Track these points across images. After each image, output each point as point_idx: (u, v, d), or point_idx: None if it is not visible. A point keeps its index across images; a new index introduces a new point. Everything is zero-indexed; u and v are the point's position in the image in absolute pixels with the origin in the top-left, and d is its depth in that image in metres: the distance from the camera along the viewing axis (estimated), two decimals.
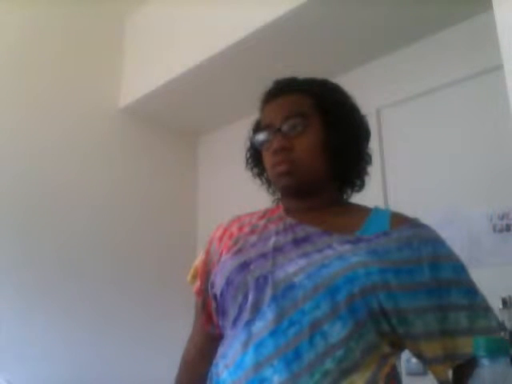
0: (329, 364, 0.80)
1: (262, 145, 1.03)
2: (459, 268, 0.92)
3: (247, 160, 1.12)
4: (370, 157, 1.07)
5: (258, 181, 1.13)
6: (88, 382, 2.30)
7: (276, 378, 0.80)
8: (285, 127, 0.99)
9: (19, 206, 2.35)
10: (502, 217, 1.89)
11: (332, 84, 1.09)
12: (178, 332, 1.46)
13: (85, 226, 2.54)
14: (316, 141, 0.98)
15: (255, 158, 1.10)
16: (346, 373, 0.80)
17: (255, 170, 1.11)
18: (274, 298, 0.86)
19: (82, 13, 2.69)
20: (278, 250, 0.94)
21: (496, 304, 1.65)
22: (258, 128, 1.07)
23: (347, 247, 0.90)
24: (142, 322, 2.58)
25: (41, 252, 2.37)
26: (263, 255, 0.93)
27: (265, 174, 1.09)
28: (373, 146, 1.10)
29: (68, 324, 2.35)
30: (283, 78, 1.08)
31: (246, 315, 0.88)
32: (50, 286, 2.34)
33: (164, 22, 2.70)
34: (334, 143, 0.99)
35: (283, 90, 1.04)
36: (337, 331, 0.82)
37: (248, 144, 1.11)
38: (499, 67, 1.44)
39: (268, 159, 1.01)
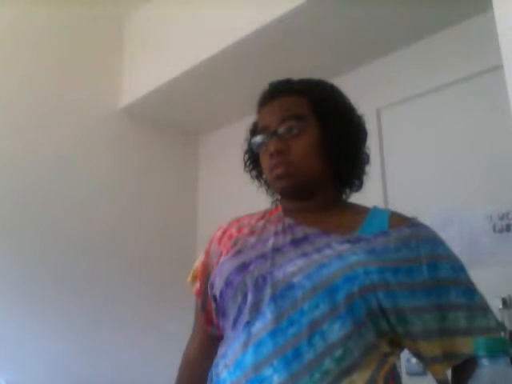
0: (328, 363, 0.80)
1: (259, 147, 1.04)
2: (458, 268, 0.93)
3: (245, 162, 1.12)
4: (367, 156, 1.07)
5: (257, 182, 1.13)
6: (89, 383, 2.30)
7: (276, 378, 0.81)
8: (281, 130, 0.99)
9: (16, 206, 2.35)
10: (502, 217, 1.89)
11: (327, 84, 1.09)
12: (178, 333, 1.46)
13: (85, 226, 2.54)
14: (312, 142, 0.99)
15: (253, 160, 1.11)
16: (345, 372, 0.81)
17: (254, 172, 1.12)
18: (273, 298, 0.86)
19: (81, 13, 2.68)
20: (276, 250, 0.94)
21: (496, 304, 1.65)
22: (255, 131, 1.08)
23: (346, 247, 0.90)
24: (141, 323, 2.58)
25: (37, 254, 2.36)
26: (262, 256, 0.94)
27: (263, 176, 1.09)
28: (373, 146, 1.10)
29: (67, 325, 2.35)
30: (278, 79, 1.08)
31: (245, 316, 0.88)
32: (48, 288, 2.34)
33: (164, 22, 2.70)
34: (331, 144, 0.99)
35: (279, 92, 1.04)
36: (336, 331, 0.82)
37: (246, 146, 1.12)
38: (499, 67, 1.44)
39: (265, 162, 1.02)
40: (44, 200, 2.43)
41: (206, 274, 1.06)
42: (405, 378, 1.83)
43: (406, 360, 1.86)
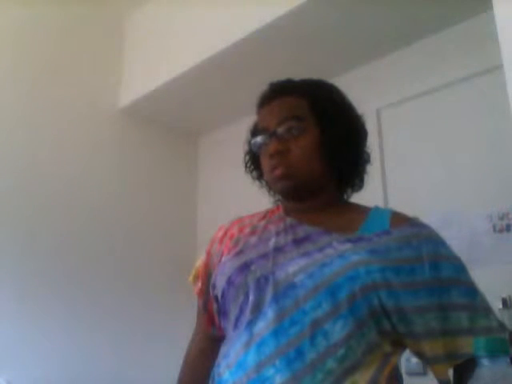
0: (331, 363, 0.80)
1: (259, 148, 1.04)
2: (459, 268, 0.93)
3: (246, 163, 1.12)
4: (368, 156, 1.07)
5: (257, 182, 1.13)
6: (90, 383, 2.30)
7: (278, 378, 0.81)
8: (280, 130, 0.99)
9: (20, 205, 2.34)
10: (502, 217, 1.89)
11: (328, 84, 1.09)
12: (179, 333, 1.46)
13: (85, 227, 2.53)
14: (312, 142, 0.99)
15: (254, 160, 1.11)
16: (348, 372, 0.81)
17: (254, 173, 1.12)
18: (275, 298, 0.86)
19: (81, 13, 2.68)
20: (278, 250, 0.94)
21: (496, 304, 1.65)
22: (255, 131, 1.08)
23: (348, 246, 0.90)
24: (142, 323, 2.57)
25: (41, 253, 2.36)
26: (264, 256, 0.94)
27: (264, 177, 1.09)
28: (373, 146, 1.10)
29: (69, 325, 2.35)
30: (278, 80, 1.08)
31: (247, 315, 0.88)
32: (52, 286, 2.34)
33: (164, 22, 2.69)
34: (331, 144, 0.99)
35: (278, 92, 1.04)
36: (338, 330, 0.82)
37: (246, 147, 1.12)
38: (499, 67, 1.44)
39: (265, 163, 1.02)
40: (41, 200, 2.43)
41: (207, 274, 1.06)
42: (405, 377, 1.81)
43: (406, 360, 1.85)
